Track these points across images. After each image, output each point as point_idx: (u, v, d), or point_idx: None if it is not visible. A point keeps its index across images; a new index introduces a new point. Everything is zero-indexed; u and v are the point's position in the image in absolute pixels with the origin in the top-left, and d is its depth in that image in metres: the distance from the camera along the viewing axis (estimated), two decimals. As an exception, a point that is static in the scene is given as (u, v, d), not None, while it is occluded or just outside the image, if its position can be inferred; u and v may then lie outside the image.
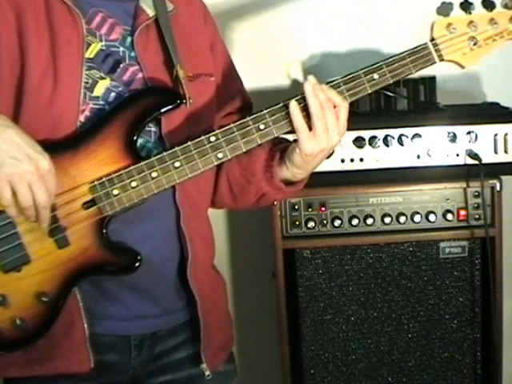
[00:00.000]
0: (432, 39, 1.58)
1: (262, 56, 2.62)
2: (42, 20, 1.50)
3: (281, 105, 1.54)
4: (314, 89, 1.52)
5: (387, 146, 2.19)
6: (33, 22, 1.49)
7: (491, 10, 1.59)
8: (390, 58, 1.58)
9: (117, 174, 1.49)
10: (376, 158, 2.21)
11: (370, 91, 1.57)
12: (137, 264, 1.51)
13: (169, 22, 1.60)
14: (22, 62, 1.48)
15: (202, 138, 1.52)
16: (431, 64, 1.59)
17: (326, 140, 1.52)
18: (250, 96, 1.82)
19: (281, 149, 1.63)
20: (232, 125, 1.53)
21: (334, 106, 1.52)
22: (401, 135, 2.19)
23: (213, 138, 1.52)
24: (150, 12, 1.58)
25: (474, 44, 1.59)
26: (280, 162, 1.63)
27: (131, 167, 1.49)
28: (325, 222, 2.23)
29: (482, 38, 1.59)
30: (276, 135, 1.55)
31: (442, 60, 1.59)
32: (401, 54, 1.58)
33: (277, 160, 1.62)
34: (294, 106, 1.53)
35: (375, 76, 1.56)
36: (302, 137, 1.53)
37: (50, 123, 1.49)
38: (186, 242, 1.59)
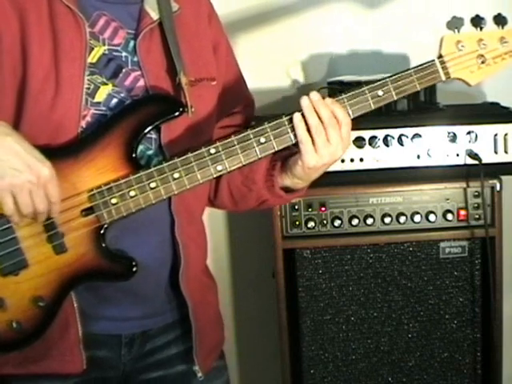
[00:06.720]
0: (440, 56, 1.55)
1: (262, 56, 2.62)
2: (44, 23, 1.49)
3: (282, 119, 1.53)
4: (316, 104, 1.51)
5: (387, 146, 2.19)
6: (36, 26, 1.48)
7: (503, 27, 1.56)
8: (396, 74, 1.55)
9: (116, 184, 1.49)
10: (376, 158, 2.20)
11: (373, 107, 1.55)
12: (133, 270, 1.51)
13: (173, 24, 1.59)
14: (24, 65, 1.48)
15: (203, 149, 1.52)
16: (437, 82, 1.56)
17: (329, 154, 1.52)
18: (251, 95, 1.82)
19: (281, 157, 1.63)
20: (233, 137, 1.53)
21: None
22: (401, 135, 2.18)
23: (213, 150, 1.52)
24: (155, 15, 1.57)
25: (482, 62, 1.56)
26: (281, 171, 1.62)
27: (130, 177, 1.49)
28: (325, 221, 2.22)
29: (491, 56, 1.56)
30: (276, 149, 1.54)
31: (448, 78, 1.55)
32: (407, 70, 1.56)
33: (278, 170, 1.62)
34: (299, 119, 1.52)
35: (380, 93, 1.55)
36: (306, 150, 1.52)
37: (52, 128, 1.49)
38: (180, 249, 1.60)
